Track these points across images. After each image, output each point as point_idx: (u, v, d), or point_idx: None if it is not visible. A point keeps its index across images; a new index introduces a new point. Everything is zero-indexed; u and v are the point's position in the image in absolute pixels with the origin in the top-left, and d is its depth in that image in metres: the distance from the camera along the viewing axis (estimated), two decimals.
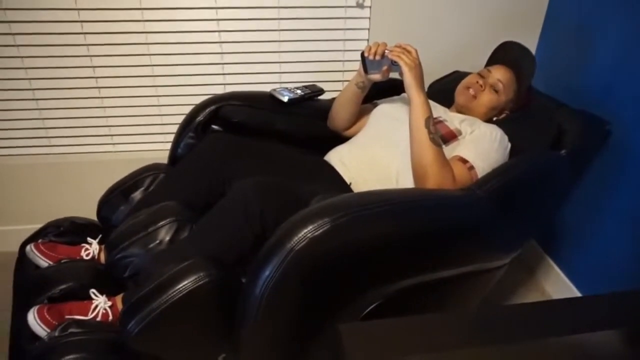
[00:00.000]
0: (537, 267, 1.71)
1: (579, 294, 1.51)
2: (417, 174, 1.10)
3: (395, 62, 1.15)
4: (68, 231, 1.20)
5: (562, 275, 1.59)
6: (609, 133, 1.30)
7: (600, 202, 1.41)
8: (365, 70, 1.21)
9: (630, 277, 1.31)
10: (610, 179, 1.36)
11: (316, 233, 0.83)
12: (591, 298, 0.78)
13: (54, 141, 1.71)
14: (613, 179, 1.35)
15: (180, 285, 0.92)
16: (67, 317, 0.94)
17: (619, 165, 1.32)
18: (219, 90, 1.66)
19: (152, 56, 1.61)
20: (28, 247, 1.09)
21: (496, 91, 1.30)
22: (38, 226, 1.23)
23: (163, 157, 1.43)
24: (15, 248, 1.19)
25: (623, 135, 1.29)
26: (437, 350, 0.68)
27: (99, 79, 1.63)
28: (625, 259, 1.33)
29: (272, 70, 1.70)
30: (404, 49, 1.15)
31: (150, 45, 1.59)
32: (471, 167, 1.13)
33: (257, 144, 1.29)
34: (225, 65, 1.67)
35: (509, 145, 1.24)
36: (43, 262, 1.07)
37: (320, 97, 1.51)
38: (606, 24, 1.37)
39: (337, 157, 1.30)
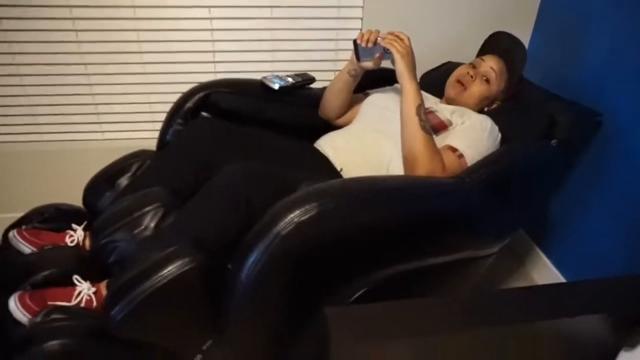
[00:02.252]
0: (526, 257, 1.71)
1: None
2: (407, 161, 1.09)
3: (387, 49, 1.14)
4: (52, 218, 1.18)
5: (550, 265, 1.59)
6: (600, 125, 1.30)
7: (589, 193, 1.41)
8: (358, 58, 1.20)
9: (617, 267, 1.32)
10: (599, 171, 1.37)
11: (303, 218, 0.82)
12: (576, 284, 0.78)
13: (41, 128, 1.69)
14: (602, 171, 1.35)
15: (165, 270, 0.90)
16: (50, 303, 0.92)
17: (608, 156, 1.33)
18: (210, 78, 1.63)
19: (141, 43, 1.59)
20: (11, 233, 1.07)
21: (487, 81, 1.30)
22: (21, 215, 1.21)
23: (151, 145, 1.41)
24: None
25: (613, 126, 1.29)
26: (422, 334, 0.68)
27: (87, 66, 1.60)
28: (613, 248, 1.33)
29: (264, 58, 1.68)
30: (397, 36, 1.15)
31: (140, 32, 1.57)
32: (461, 156, 1.13)
33: (245, 130, 1.27)
34: (216, 53, 1.65)
35: (499, 135, 1.23)
36: (26, 249, 1.06)
37: (312, 86, 1.50)
38: (599, 17, 1.37)
39: (328, 143, 1.29)
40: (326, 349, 0.66)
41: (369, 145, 1.23)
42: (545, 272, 1.61)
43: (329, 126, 1.42)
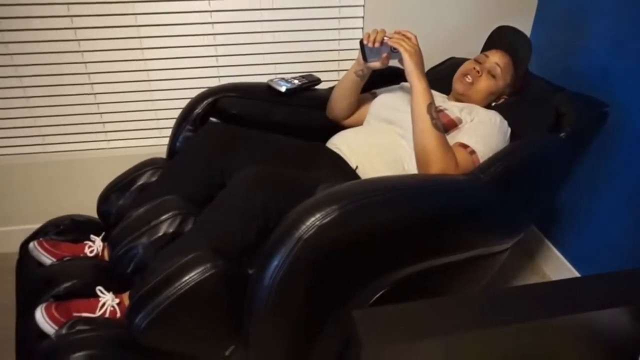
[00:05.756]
0: (537, 251, 1.72)
1: (579, 276, 1.53)
2: (420, 160, 1.10)
3: (395, 48, 1.15)
4: (68, 229, 1.19)
5: (561, 258, 1.61)
6: (607, 115, 1.31)
7: (598, 184, 1.42)
8: (365, 58, 1.20)
9: (628, 258, 1.33)
10: (607, 161, 1.38)
11: (324, 221, 0.83)
12: (596, 277, 0.79)
13: (47, 139, 1.69)
14: (610, 161, 1.37)
15: (187, 277, 0.91)
16: (75, 314, 0.93)
17: (616, 146, 1.34)
18: (214, 83, 1.65)
19: (144, 50, 1.59)
20: (31, 245, 1.07)
21: (493, 76, 1.31)
22: (35, 226, 1.21)
23: (158, 152, 1.42)
24: (10, 249, 1.17)
25: (620, 116, 1.30)
26: (451, 333, 0.69)
27: (91, 75, 1.60)
28: (624, 239, 1.34)
29: (267, 61, 1.68)
30: (404, 35, 1.15)
31: (142, 39, 1.57)
32: (472, 152, 1.14)
33: (255, 133, 1.28)
34: (219, 58, 1.65)
35: (509, 129, 1.24)
36: (47, 260, 1.06)
37: (318, 87, 1.51)
38: (601, 5, 1.38)
39: (343, 141, 1.29)
40: (356, 353, 0.67)
41: (384, 143, 1.23)
42: (556, 264, 1.63)
43: (337, 127, 1.42)
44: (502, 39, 1.36)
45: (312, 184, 1.06)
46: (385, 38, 1.17)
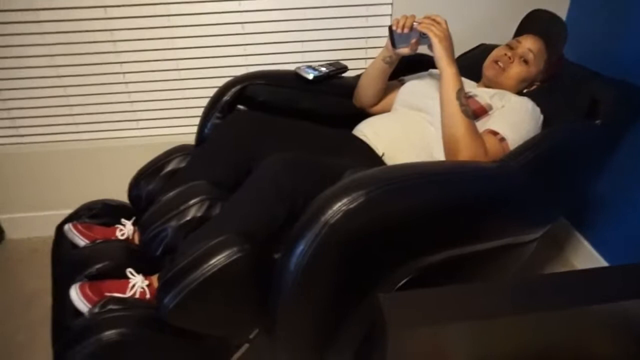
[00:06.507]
0: (566, 242, 1.68)
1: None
2: (448, 146, 1.09)
3: (424, 34, 1.13)
4: (101, 213, 1.22)
5: (591, 249, 1.56)
6: None
7: (630, 175, 1.37)
8: (394, 45, 1.19)
9: None
10: None
11: (351, 206, 0.83)
12: (625, 267, 0.77)
13: (81, 127, 1.74)
14: None
15: (214, 260, 0.92)
16: (107, 294, 0.96)
17: None
18: (242, 71, 1.65)
19: (174, 39, 1.61)
20: (66, 227, 1.11)
21: (526, 62, 1.27)
22: (67, 212, 1.25)
23: (187, 140, 1.43)
24: (43, 234, 1.20)
25: None
26: (476, 319, 0.68)
27: (123, 64, 1.64)
28: None
29: (295, 49, 1.69)
30: (433, 20, 1.13)
31: (172, 29, 1.60)
32: (502, 139, 1.11)
33: (282, 120, 1.28)
34: (247, 46, 1.66)
35: (542, 117, 1.21)
36: (81, 241, 1.09)
37: (345, 75, 1.50)
38: None
39: (370, 128, 1.29)
40: (380, 336, 0.67)
41: (412, 130, 1.22)
42: (586, 257, 1.58)
43: (364, 115, 1.41)
44: (535, 23, 1.32)
45: (340, 170, 1.05)
46: (414, 23, 1.15)
